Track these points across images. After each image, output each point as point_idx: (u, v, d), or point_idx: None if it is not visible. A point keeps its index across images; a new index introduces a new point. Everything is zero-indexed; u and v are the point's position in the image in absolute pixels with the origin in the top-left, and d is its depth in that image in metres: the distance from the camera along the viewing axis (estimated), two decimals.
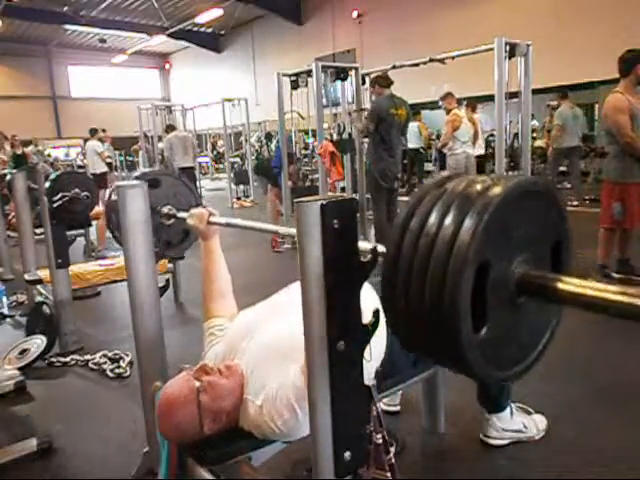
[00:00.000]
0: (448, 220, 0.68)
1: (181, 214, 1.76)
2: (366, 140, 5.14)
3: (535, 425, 1.93)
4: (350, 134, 5.55)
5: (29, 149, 10.73)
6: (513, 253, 0.73)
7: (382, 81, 4.77)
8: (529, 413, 1.98)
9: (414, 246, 0.70)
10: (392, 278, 0.73)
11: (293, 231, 0.95)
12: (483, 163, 7.86)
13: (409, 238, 0.71)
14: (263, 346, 1.38)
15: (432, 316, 0.69)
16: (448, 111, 6.27)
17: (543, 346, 0.82)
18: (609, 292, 0.64)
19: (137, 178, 1.77)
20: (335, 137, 5.52)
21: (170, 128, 8.53)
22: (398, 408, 2.14)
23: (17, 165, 8.10)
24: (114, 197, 1.68)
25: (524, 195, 0.73)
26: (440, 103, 6.39)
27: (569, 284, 0.68)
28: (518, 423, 1.89)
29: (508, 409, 1.87)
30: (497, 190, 0.69)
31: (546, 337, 0.83)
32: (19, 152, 9.43)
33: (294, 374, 1.20)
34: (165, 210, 1.81)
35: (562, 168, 10.44)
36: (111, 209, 1.84)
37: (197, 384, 1.28)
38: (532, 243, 0.76)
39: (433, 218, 0.70)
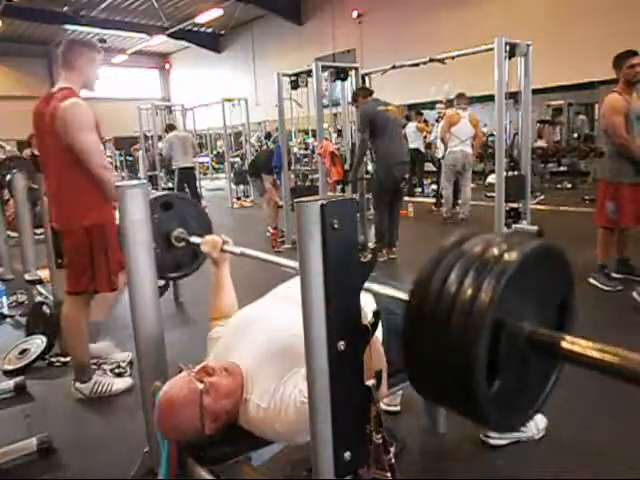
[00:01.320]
0: (468, 281, 0.75)
1: (193, 239, 1.80)
2: None
3: (535, 425, 1.92)
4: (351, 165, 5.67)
5: None
6: (524, 312, 0.79)
7: (363, 91, 4.94)
8: None
9: (437, 301, 0.77)
10: (414, 327, 0.81)
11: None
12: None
13: (433, 292, 0.78)
14: (262, 345, 1.38)
15: (450, 366, 0.76)
16: None
17: (550, 388, 0.88)
18: (608, 353, 0.70)
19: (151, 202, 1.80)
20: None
21: (170, 128, 8.46)
22: (398, 408, 2.14)
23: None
24: None
25: (537, 261, 0.78)
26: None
27: (572, 344, 0.74)
28: None
29: None
30: (513, 256, 0.75)
31: (553, 379, 0.88)
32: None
33: (303, 380, 1.20)
34: (176, 233, 1.83)
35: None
36: None
37: (200, 386, 1.27)
38: (541, 302, 0.82)
39: (453, 277, 0.77)
